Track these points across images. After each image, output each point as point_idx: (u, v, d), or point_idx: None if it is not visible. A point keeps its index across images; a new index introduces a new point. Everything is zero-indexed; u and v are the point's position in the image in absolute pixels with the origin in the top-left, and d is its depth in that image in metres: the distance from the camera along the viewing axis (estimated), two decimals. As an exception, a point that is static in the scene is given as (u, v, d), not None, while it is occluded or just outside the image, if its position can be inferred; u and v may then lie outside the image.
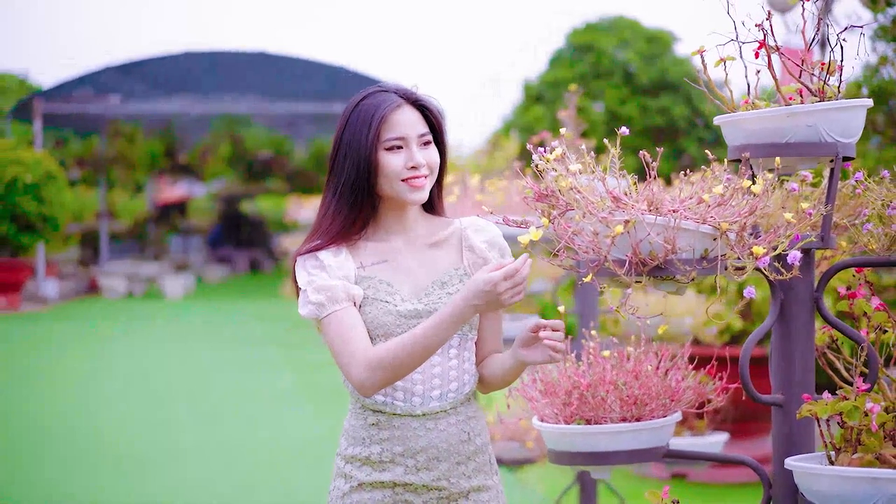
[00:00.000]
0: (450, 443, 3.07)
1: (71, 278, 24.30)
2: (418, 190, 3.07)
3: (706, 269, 2.81)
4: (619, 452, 3.23)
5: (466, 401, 3.11)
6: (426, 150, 3.10)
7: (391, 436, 3.06)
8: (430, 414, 3.06)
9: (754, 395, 3.01)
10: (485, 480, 3.14)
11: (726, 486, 7.55)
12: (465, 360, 3.12)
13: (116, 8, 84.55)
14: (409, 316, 3.05)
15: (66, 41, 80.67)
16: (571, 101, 6.11)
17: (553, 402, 3.34)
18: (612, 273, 2.81)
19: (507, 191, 6.25)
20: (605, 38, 22.76)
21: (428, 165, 3.08)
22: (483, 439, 3.16)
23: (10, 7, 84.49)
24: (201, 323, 18.49)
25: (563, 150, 2.86)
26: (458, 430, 3.08)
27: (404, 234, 3.14)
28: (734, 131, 3.07)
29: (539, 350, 2.96)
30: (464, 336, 3.10)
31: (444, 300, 3.06)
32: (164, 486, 7.75)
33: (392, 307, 3.05)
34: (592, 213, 2.79)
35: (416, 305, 3.06)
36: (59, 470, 8.09)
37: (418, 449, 3.05)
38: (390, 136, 3.05)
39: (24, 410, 10.49)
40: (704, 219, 2.78)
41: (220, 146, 28.62)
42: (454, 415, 3.08)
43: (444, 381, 3.08)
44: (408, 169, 3.05)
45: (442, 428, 3.06)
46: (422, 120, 3.10)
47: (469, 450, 3.10)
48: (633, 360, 3.39)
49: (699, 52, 3.11)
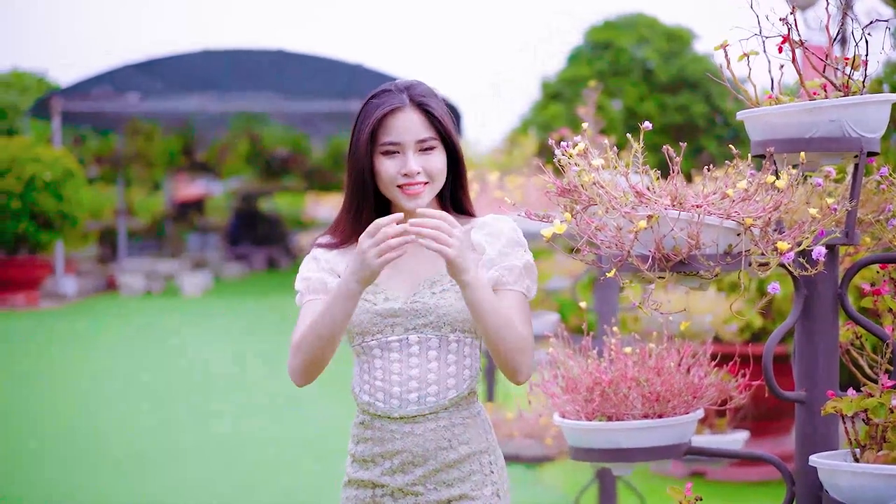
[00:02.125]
0: (426, 448, 2.99)
1: (89, 276, 24.35)
2: (413, 198, 3.00)
3: (730, 265, 2.80)
4: (640, 449, 3.22)
5: (452, 406, 3.01)
6: (425, 157, 3.01)
7: (372, 436, 3.02)
8: (407, 417, 2.98)
9: (778, 391, 2.99)
10: (470, 491, 3.01)
11: (745, 484, 7.52)
12: (450, 363, 3.01)
13: (118, 8, 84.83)
14: (385, 315, 3.00)
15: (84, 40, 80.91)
16: (591, 97, 6.09)
17: (574, 398, 3.32)
18: (634, 269, 2.80)
19: (526, 187, 6.25)
20: (624, 35, 22.71)
21: (426, 172, 3.00)
22: (473, 448, 3.04)
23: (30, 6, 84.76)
24: (219, 320, 18.51)
25: (585, 145, 2.85)
26: (437, 436, 2.99)
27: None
28: (757, 126, 3.05)
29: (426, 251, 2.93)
30: (443, 338, 3.00)
31: (428, 300, 3.00)
32: (170, 484, 7.76)
33: (370, 306, 3.01)
34: (615, 208, 2.77)
35: (396, 304, 3.00)
36: (60, 470, 8.09)
37: (394, 452, 3.00)
38: (385, 141, 2.99)
39: (37, 408, 10.51)
40: (728, 214, 2.76)
41: (237, 144, 28.64)
42: (434, 420, 2.99)
43: (421, 384, 2.99)
44: (402, 176, 2.99)
45: (419, 433, 2.98)
46: (425, 123, 3.01)
47: (450, 458, 3.00)
48: (654, 356, 3.38)
49: (722, 46, 3.10)
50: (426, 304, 2.99)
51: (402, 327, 3.00)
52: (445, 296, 3.00)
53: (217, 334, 16.58)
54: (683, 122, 21.97)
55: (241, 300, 21.87)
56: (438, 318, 2.99)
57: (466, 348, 3.03)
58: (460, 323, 2.99)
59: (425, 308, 2.99)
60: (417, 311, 2.99)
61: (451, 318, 2.98)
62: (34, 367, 13.09)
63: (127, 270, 24.43)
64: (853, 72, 3.00)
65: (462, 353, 3.03)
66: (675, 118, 21.96)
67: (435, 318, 2.99)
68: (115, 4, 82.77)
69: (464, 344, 3.02)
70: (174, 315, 19.32)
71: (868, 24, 3.00)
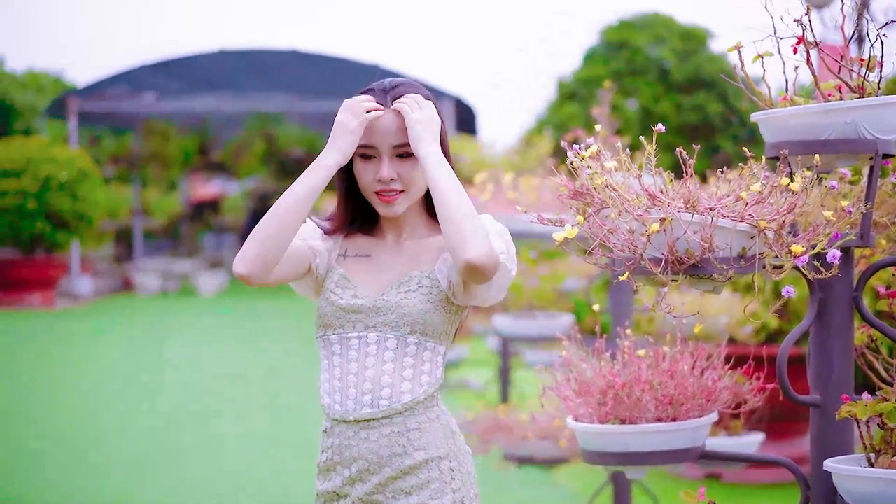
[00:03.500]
0: (380, 455, 2.88)
1: (105, 275, 24.42)
2: (388, 205, 2.93)
3: (744, 268, 2.77)
4: (654, 453, 3.20)
5: (407, 411, 2.88)
6: (402, 163, 2.92)
7: (332, 444, 2.94)
8: (361, 421, 2.88)
9: (792, 395, 2.97)
10: (429, 499, 2.88)
11: (761, 487, 7.49)
12: (406, 366, 2.90)
13: (125, 8, 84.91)
14: (349, 310, 2.92)
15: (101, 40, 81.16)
16: (605, 98, 6.07)
17: (587, 401, 3.31)
18: (647, 272, 2.78)
19: (540, 188, 6.23)
20: (640, 34, 22.68)
21: (402, 179, 2.91)
22: (431, 453, 2.90)
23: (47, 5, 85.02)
24: (234, 320, 18.54)
25: (598, 148, 2.83)
26: (391, 442, 2.87)
27: (397, 232, 3.01)
28: (771, 128, 3.03)
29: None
30: (401, 339, 2.89)
31: (392, 298, 2.91)
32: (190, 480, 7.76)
33: (336, 299, 2.94)
34: (628, 210, 2.75)
35: (360, 301, 2.93)
36: (60, 470, 8.09)
37: (352, 459, 2.90)
38: (362, 143, 2.92)
39: (51, 407, 10.52)
40: (742, 217, 2.73)
41: (253, 144, 28.68)
42: (388, 425, 2.87)
43: (375, 386, 2.88)
44: (377, 181, 2.92)
45: (373, 438, 2.87)
46: (404, 127, 2.90)
47: (406, 464, 2.87)
48: (668, 359, 3.36)
49: (736, 48, 3.08)
50: (388, 302, 2.90)
51: (363, 324, 2.91)
52: (410, 296, 2.90)
53: (231, 334, 16.59)
54: (699, 121, 21.93)
55: (256, 300, 21.89)
56: (399, 318, 2.89)
57: (426, 353, 2.91)
58: (421, 325, 2.89)
59: (387, 306, 2.90)
60: (379, 308, 2.90)
61: (412, 319, 2.88)
62: (49, 367, 13.11)
63: (142, 270, 24.48)
64: (868, 73, 2.98)
65: (421, 358, 2.91)
66: (691, 118, 21.92)
67: (395, 318, 2.89)
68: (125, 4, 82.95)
69: (423, 348, 2.91)
70: (189, 315, 19.34)
71: (884, 25, 2.98)
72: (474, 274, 2.75)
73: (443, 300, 2.92)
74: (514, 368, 9.56)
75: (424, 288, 2.91)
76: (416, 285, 2.91)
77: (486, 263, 2.74)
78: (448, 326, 2.95)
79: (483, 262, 2.73)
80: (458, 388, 11.19)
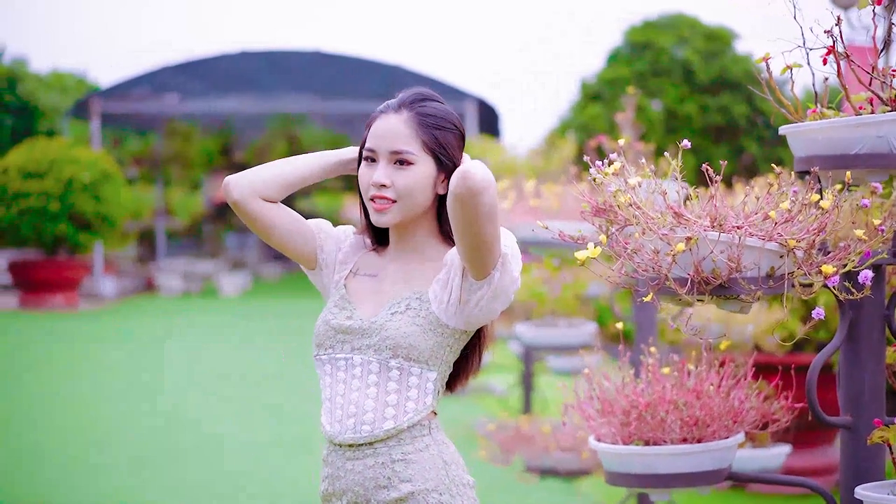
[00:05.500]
0: (366, 487, 2.76)
1: (128, 276, 24.42)
2: (378, 213, 2.78)
3: (772, 289, 2.69)
4: (679, 475, 3.13)
5: (391, 439, 2.75)
6: (398, 171, 2.77)
7: (328, 473, 2.83)
8: (346, 446, 2.78)
9: (822, 417, 2.89)
10: None
11: (787, 497, 7.39)
12: (390, 391, 2.75)
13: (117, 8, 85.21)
14: (338, 330, 2.83)
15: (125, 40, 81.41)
16: (630, 103, 5.99)
17: (610, 421, 3.23)
18: (672, 292, 2.69)
19: (563, 196, 6.15)
20: (664, 35, 22.55)
21: (395, 188, 2.76)
22: (417, 486, 2.74)
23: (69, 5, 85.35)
24: (259, 321, 18.50)
25: (622, 164, 2.75)
26: (375, 473, 2.75)
27: (403, 252, 2.88)
28: (801, 142, 2.95)
29: None
30: (383, 363, 2.76)
31: (377, 320, 2.79)
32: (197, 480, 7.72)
33: (330, 318, 2.85)
34: (653, 229, 2.67)
35: (349, 322, 2.82)
36: (60, 470, 8.06)
37: (342, 491, 2.79)
38: (366, 146, 2.82)
39: (48, 407, 10.50)
40: (771, 235, 2.65)
41: (276, 145, 28.67)
42: (373, 455, 2.76)
43: (359, 410, 2.76)
44: (372, 186, 2.78)
45: (359, 469, 2.76)
46: (406, 134, 2.77)
47: (391, 497, 2.74)
48: (693, 377, 3.28)
49: (764, 59, 3.00)
50: (373, 324, 2.78)
51: (350, 346, 2.81)
52: (395, 318, 2.77)
53: (252, 335, 16.56)
54: (724, 123, 21.79)
55: (279, 300, 21.84)
56: (381, 341, 2.76)
57: (412, 378, 2.76)
58: (404, 349, 2.74)
59: (371, 328, 2.78)
60: (365, 330, 2.79)
61: (394, 343, 2.74)
62: (72, 368, 13.09)
63: (165, 271, 24.48)
64: (901, 85, 2.89)
65: (405, 383, 2.76)
66: (716, 119, 21.78)
67: (378, 340, 2.76)
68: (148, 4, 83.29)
69: (408, 373, 2.75)
70: (212, 315, 19.31)
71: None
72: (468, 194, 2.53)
73: (432, 323, 2.76)
74: (538, 374, 9.47)
75: (412, 310, 2.78)
76: (404, 307, 2.78)
77: (479, 184, 2.52)
78: (440, 351, 2.78)
79: (478, 181, 2.52)
80: (480, 392, 11.11)
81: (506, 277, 2.69)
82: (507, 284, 2.70)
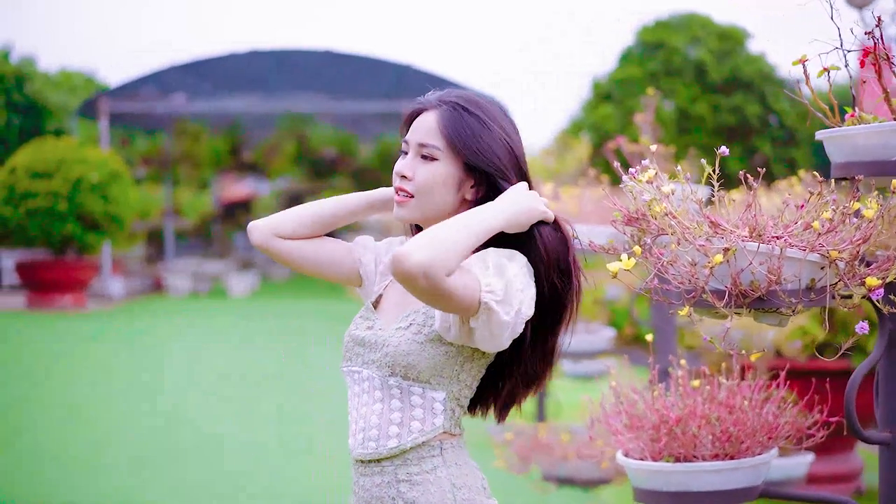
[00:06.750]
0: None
1: (136, 276, 24.36)
2: (398, 206, 2.69)
3: (813, 301, 2.57)
4: (712, 493, 3.01)
5: (396, 458, 2.66)
6: (422, 164, 2.67)
7: (352, 487, 2.75)
8: (358, 461, 2.69)
9: (861, 434, 2.78)
10: None
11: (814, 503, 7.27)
12: (394, 409, 2.65)
13: (116, 7, 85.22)
14: (356, 342, 2.73)
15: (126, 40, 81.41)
16: (649, 105, 5.88)
17: (639, 436, 3.12)
18: (709, 304, 2.58)
19: (581, 198, 6.04)
20: (676, 35, 22.42)
21: (415, 182, 2.66)
22: None
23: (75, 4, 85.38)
24: (265, 321, 18.41)
25: (655, 171, 2.63)
26: (381, 492, 2.66)
27: None
28: (839, 147, 2.83)
29: None
30: (384, 380, 2.65)
31: (384, 334, 2.68)
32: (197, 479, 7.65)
33: (353, 329, 2.77)
34: (689, 240, 2.54)
35: (365, 333, 2.72)
36: (60, 470, 8.00)
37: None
38: (403, 139, 2.74)
39: (49, 407, 10.44)
40: (812, 246, 2.53)
41: (285, 144, 28.61)
42: (380, 473, 2.66)
43: (367, 425, 2.67)
44: (396, 175, 2.71)
45: (368, 487, 2.68)
46: (434, 129, 2.66)
47: None
48: (724, 390, 3.16)
49: (801, 61, 2.88)
50: (379, 338, 2.69)
51: (362, 359, 2.71)
52: (398, 333, 2.66)
53: (258, 335, 16.47)
54: (737, 123, 21.64)
55: (287, 301, 21.76)
56: (383, 357, 2.65)
57: (414, 398, 2.64)
58: (402, 368, 2.63)
59: (377, 342, 2.68)
60: (372, 344, 2.69)
61: (392, 360, 2.63)
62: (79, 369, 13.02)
63: (174, 271, 24.41)
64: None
65: (409, 402, 2.65)
66: (729, 119, 21.63)
67: (380, 356, 2.66)
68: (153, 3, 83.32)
69: (408, 392, 2.64)
70: (220, 316, 19.22)
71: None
72: (397, 272, 2.40)
73: (434, 339, 2.62)
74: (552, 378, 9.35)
75: (415, 325, 2.65)
76: (409, 322, 2.66)
77: (413, 268, 2.37)
78: (446, 370, 2.64)
79: (411, 266, 2.37)
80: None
81: (494, 320, 2.50)
82: (501, 323, 2.51)
